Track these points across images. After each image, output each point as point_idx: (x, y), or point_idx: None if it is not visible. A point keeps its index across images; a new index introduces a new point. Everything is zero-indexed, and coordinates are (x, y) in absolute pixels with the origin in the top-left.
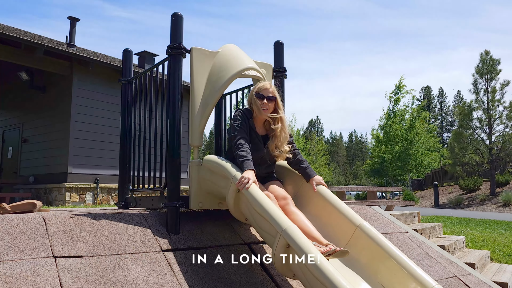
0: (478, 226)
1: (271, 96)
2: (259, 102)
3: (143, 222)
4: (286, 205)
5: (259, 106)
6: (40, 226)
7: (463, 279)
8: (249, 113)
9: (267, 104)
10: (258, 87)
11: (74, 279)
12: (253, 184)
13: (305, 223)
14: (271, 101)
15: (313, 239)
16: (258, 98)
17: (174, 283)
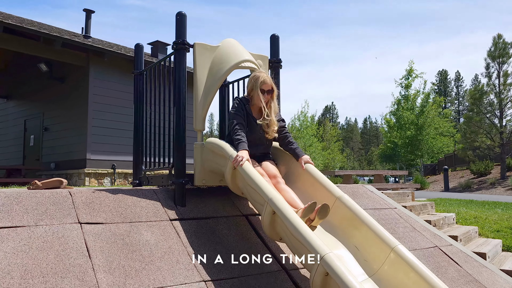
0: (476, 207)
1: (270, 90)
2: (262, 95)
3: (154, 197)
4: (277, 183)
5: (261, 99)
6: (67, 199)
7: (443, 249)
8: (246, 100)
9: (267, 96)
10: (260, 81)
11: (97, 240)
12: (246, 162)
13: (292, 198)
14: (270, 93)
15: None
16: (261, 92)
17: (179, 246)
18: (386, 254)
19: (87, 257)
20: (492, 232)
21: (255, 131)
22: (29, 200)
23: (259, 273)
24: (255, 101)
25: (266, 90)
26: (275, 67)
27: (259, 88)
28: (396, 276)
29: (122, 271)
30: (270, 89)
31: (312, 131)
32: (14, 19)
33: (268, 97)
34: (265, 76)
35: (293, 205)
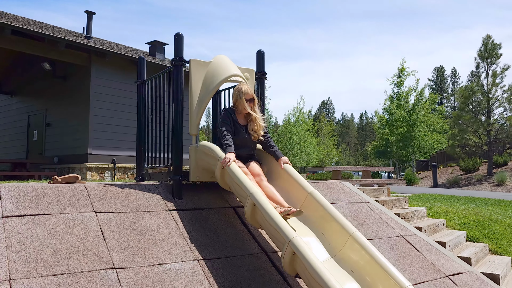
0: (453, 202)
1: (252, 98)
2: (245, 103)
3: (155, 190)
4: (260, 181)
5: (245, 107)
6: (84, 192)
7: (407, 238)
8: (232, 110)
9: (249, 104)
10: (243, 92)
11: (109, 226)
12: (233, 162)
13: (273, 193)
14: (252, 102)
15: (277, 203)
16: (244, 100)
17: (177, 231)
18: (345, 239)
19: (102, 239)
20: (459, 224)
21: (241, 135)
22: (53, 192)
23: (243, 255)
24: (240, 109)
25: (248, 99)
26: (260, 79)
27: (243, 98)
28: (353, 257)
29: (131, 251)
30: (251, 98)
31: (307, 127)
32: (20, 21)
33: (251, 105)
34: (246, 88)
35: (273, 199)
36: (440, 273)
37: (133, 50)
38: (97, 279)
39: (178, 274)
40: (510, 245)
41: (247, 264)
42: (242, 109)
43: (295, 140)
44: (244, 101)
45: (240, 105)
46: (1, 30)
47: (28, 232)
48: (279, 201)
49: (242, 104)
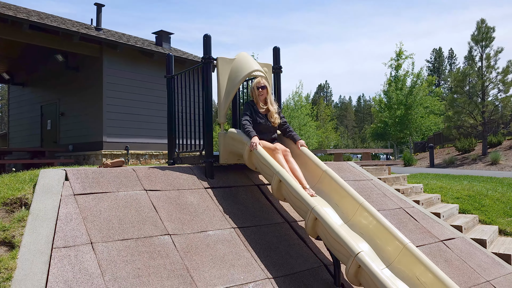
0: (447, 180)
1: (262, 86)
2: (256, 91)
3: (190, 172)
4: (287, 155)
5: (257, 94)
6: (133, 173)
7: (407, 210)
8: (252, 102)
9: (262, 91)
10: (255, 82)
11: (158, 201)
12: (259, 146)
13: (295, 169)
14: (264, 89)
15: (300, 182)
16: (256, 89)
17: (213, 205)
18: (356, 208)
19: (155, 212)
20: (452, 198)
21: (263, 122)
22: (108, 174)
23: (270, 224)
24: (255, 98)
25: (260, 86)
26: (277, 72)
27: (255, 87)
28: (363, 222)
29: (179, 221)
30: (263, 85)
31: (306, 111)
32: (34, 15)
33: (264, 91)
34: (258, 79)
35: (295, 175)
36: (435, 238)
37: (140, 40)
38: (157, 243)
39: (219, 239)
40: (498, 216)
41: (273, 231)
42: (257, 97)
43: (295, 124)
44: (256, 89)
45: (254, 94)
46: (19, 26)
47: (96, 207)
48: (301, 180)
49: (255, 94)
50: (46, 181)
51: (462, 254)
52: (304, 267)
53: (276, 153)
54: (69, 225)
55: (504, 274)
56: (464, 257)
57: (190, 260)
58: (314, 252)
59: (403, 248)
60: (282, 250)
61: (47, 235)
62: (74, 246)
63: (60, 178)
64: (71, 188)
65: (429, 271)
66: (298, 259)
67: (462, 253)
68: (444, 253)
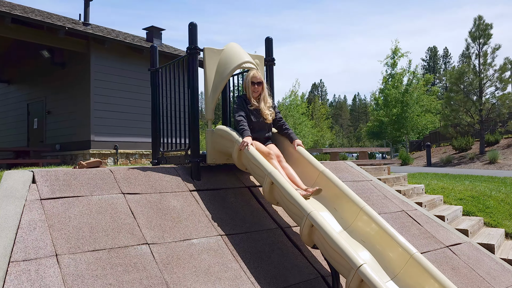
0: (448, 179)
1: (259, 81)
2: (252, 87)
3: (175, 173)
4: (280, 161)
5: (251, 90)
6: (110, 175)
7: (409, 212)
8: (244, 96)
9: (257, 87)
10: (250, 76)
11: (137, 206)
12: (251, 146)
13: (291, 174)
14: (260, 85)
15: (296, 184)
16: (251, 84)
17: (199, 210)
18: (356, 212)
19: (133, 218)
20: (456, 200)
21: (256, 120)
22: (82, 176)
23: (261, 230)
24: (249, 94)
25: (256, 82)
26: (269, 65)
27: (250, 81)
28: (364, 229)
29: (160, 228)
30: (259, 81)
31: (302, 110)
32: (18, 9)
33: (259, 88)
34: (254, 72)
35: (292, 180)
36: (441, 244)
37: (130, 36)
38: (133, 254)
39: (204, 248)
40: (503, 218)
41: (265, 238)
42: (252, 93)
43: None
44: (250, 85)
45: (248, 88)
46: (1, 20)
47: (65, 213)
48: (297, 183)
49: (249, 89)
50: (10, 184)
51: (469, 261)
52: (299, 279)
53: (270, 158)
54: (32, 234)
55: None
56: (472, 264)
57: (170, 274)
58: (310, 261)
59: (410, 258)
60: (274, 259)
61: (4, 247)
62: (36, 259)
63: (26, 181)
64: (37, 192)
65: (439, 284)
66: (293, 270)
67: (470, 259)
68: (450, 260)
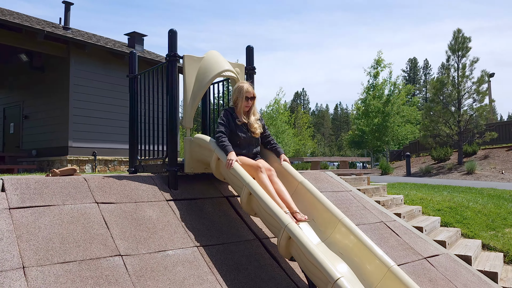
0: (427, 190)
1: (253, 97)
2: (245, 102)
3: (151, 182)
4: (271, 176)
5: (243, 105)
6: (84, 183)
7: (388, 223)
8: (232, 109)
9: (250, 102)
10: (244, 91)
11: (111, 216)
12: (235, 163)
13: (282, 191)
14: (253, 100)
15: (286, 203)
16: (245, 99)
17: (175, 220)
18: (335, 224)
19: (106, 228)
20: (434, 211)
21: (243, 135)
22: (54, 185)
23: (238, 241)
24: (239, 107)
25: (250, 97)
26: (250, 73)
27: (244, 96)
28: (342, 241)
29: (134, 239)
30: (253, 96)
31: (285, 118)
32: None
33: (252, 102)
34: (247, 86)
35: (282, 198)
36: (419, 255)
37: (112, 42)
38: (105, 266)
39: (179, 260)
40: (480, 229)
41: (242, 250)
42: (243, 107)
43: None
44: (244, 100)
45: (240, 103)
46: None
47: (35, 223)
48: (288, 201)
49: (242, 103)
50: None
51: (447, 272)
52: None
53: (259, 172)
54: None
55: None
56: (450, 276)
57: (143, 286)
58: (287, 273)
59: (388, 271)
60: (251, 272)
61: None
62: (1, 271)
63: None
64: (6, 201)
65: None
66: (270, 283)
67: (447, 271)
68: (428, 272)
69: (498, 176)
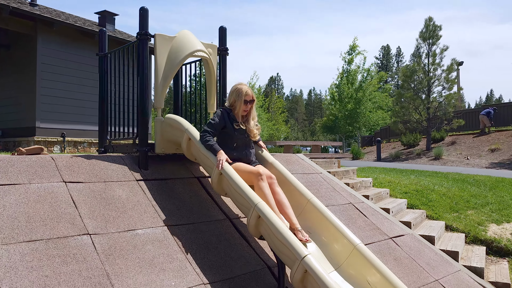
0: (395, 174)
1: (252, 100)
2: (244, 106)
3: (121, 161)
4: (272, 184)
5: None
6: (51, 162)
7: (356, 205)
8: (229, 110)
9: (249, 106)
10: (244, 94)
11: (80, 195)
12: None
13: (283, 203)
14: (252, 103)
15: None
16: (244, 103)
17: (145, 200)
18: (304, 204)
19: (74, 208)
20: (401, 193)
21: (241, 136)
22: (20, 163)
23: (209, 221)
24: (237, 110)
25: (249, 100)
26: (222, 54)
27: (242, 100)
28: (310, 220)
29: (103, 218)
30: (252, 99)
31: (259, 103)
32: None
33: (250, 106)
34: (246, 88)
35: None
36: (385, 235)
37: (81, 20)
38: (73, 244)
39: (149, 239)
40: (444, 211)
41: (212, 229)
42: (241, 111)
43: None
44: (243, 103)
45: (238, 106)
46: None
47: (0, 202)
48: (289, 216)
49: (240, 106)
50: None
51: (411, 252)
52: (245, 269)
53: (260, 180)
54: None
55: (452, 272)
56: (414, 255)
57: (112, 265)
58: (257, 252)
59: (354, 249)
60: (221, 251)
61: None
62: None
63: None
64: None
65: (380, 274)
66: (239, 261)
67: (412, 250)
68: (393, 251)
69: (464, 162)
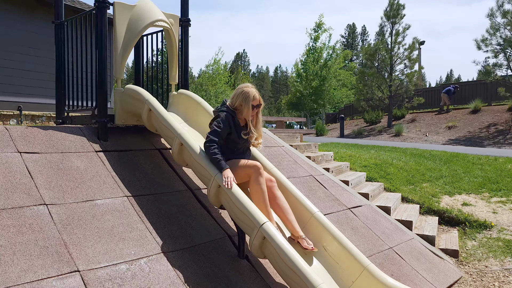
0: (356, 148)
1: (259, 104)
2: (250, 111)
3: (79, 133)
4: (272, 187)
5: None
6: (5, 133)
7: (317, 177)
8: (233, 113)
9: (256, 111)
10: (251, 98)
11: (36, 166)
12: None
13: (284, 208)
14: (259, 107)
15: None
16: (252, 108)
17: (105, 171)
18: None
19: (30, 178)
20: (361, 167)
21: (243, 141)
22: None
23: (170, 192)
24: (243, 115)
25: (256, 105)
26: (184, 25)
27: (250, 104)
28: None
29: (60, 189)
30: (259, 103)
31: (224, 79)
32: None
33: (257, 111)
34: (254, 92)
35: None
36: (343, 206)
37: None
38: (28, 214)
39: (108, 209)
40: (401, 184)
41: (174, 200)
42: (246, 115)
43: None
44: (250, 108)
45: (246, 111)
46: None
47: None
48: (292, 223)
49: (248, 111)
50: None
51: (368, 221)
52: (206, 239)
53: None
54: None
55: (406, 240)
56: (370, 225)
57: (70, 234)
58: (218, 222)
59: (311, 217)
60: (182, 220)
61: None
62: None
63: None
64: None
65: (336, 240)
66: (200, 231)
67: (368, 220)
68: (351, 221)
69: (422, 138)
